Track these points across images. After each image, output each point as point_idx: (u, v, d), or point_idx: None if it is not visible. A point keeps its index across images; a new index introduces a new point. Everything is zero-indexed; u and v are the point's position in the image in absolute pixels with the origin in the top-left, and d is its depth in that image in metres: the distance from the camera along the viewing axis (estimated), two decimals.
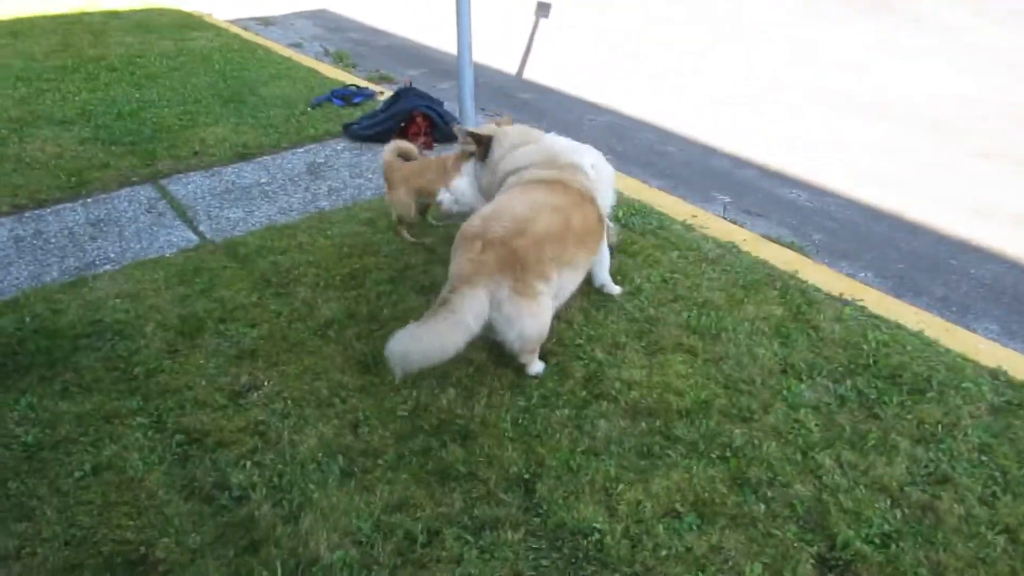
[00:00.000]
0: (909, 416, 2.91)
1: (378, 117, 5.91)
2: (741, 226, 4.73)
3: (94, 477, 2.62)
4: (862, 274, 4.26)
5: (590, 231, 3.20)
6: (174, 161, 5.45)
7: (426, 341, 2.63)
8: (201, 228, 4.60)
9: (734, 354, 3.23)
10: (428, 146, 5.75)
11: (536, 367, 3.10)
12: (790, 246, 4.42)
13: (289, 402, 2.96)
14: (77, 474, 2.64)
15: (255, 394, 3.01)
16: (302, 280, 3.80)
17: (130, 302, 3.67)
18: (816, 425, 2.86)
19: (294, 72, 7.48)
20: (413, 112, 5.81)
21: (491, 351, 3.19)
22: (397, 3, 11.89)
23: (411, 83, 6.29)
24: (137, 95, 6.71)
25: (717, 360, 3.21)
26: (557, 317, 3.18)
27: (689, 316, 3.48)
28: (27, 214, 4.78)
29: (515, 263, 2.79)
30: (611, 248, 3.72)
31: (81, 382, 3.09)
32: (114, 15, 9.87)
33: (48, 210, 4.83)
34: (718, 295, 3.65)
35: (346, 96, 6.65)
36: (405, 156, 4.19)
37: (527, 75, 8.29)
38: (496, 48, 9.23)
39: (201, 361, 3.21)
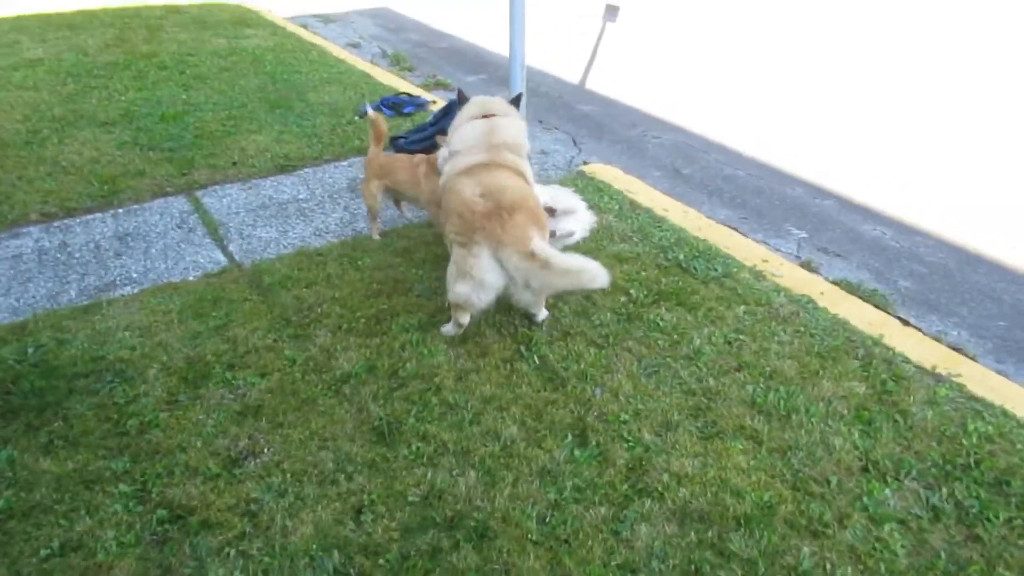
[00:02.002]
0: (1021, 541, 2.40)
1: (427, 131, 5.56)
2: (816, 269, 4.24)
3: (60, 558, 2.32)
4: (955, 332, 3.73)
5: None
6: (211, 171, 5.20)
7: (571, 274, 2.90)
8: (231, 248, 4.32)
9: (805, 444, 2.76)
10: None
11: (545, 312, 3.46)
12: (873, 297, 3.90)
13: (288, 476, 2.61)
14: (43, 552, 2.34)
15: (252, 463, 2.67)
16: (324, 321, 3.47)
17: (139, 336, 3.39)
18: (903, 547, 2.38)
19: (346, 76, 7.19)
20: None
21: (523, 424, 2.79)
22: (460, 2, 11.56)
23: (461, 95, 5.91)
24: (184, 96, 6.50)
25: (785, 450, 2.74)
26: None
27: (755, 390, 3.02)
28: (56, 223, 4.57)
29: (539, 219, 3.08)
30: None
31: (68, 434, 2.80)
32: (174, 10, 9.77)
33: (77, 220, 4.62)
34: (789, 364, 3.17)
35: (396, 105, 6.32)
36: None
37: (589, 84, 7.84)
38: (558, 54, 8.80)
39: (201, 416, 2.89)
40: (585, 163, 5.79)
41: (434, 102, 6.53)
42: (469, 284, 3.01)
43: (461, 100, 4.73)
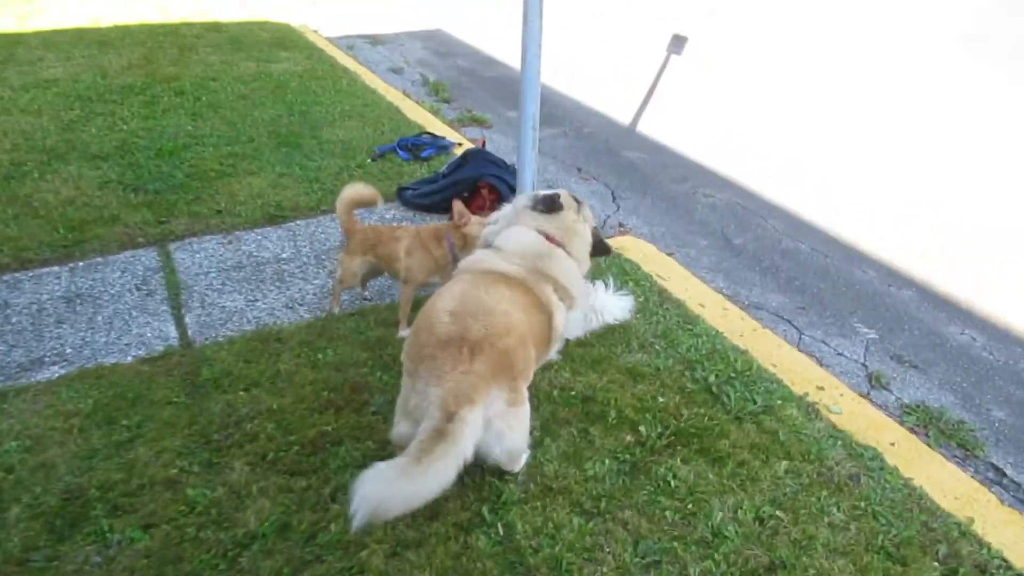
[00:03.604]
0: None
1: (438, 183, 4.87)
2: (887, 385, 3.43)
3: None
4: None
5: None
6: (192, 219, 4.62)
7: (418, 484, 2.05)
8: (187, 319, 3.71)
9: None
10: None
11: (522, 462, 2.70)
12: (958, 433, 3.07)
13: None
14: None
15: None
16: (249, 445, 2.78)
17: (25, 450, 2.76)
18: None
19: (371, 109, 6.58)
20: (479, 181, 4.73)
21: None
22: (517, 28, 10.90)
23: (484, 144, 5.22)
24: (190, 127, 5.98)
25: None
26: None
27: None
28: (5, 277, 4.04)
29: (508, 368, 2.36)
30: None
31: None
32: (214, 27, 9.37)
33: (30, 274, 4.08)
34: (842, 567, 2.33)
35: (415, 147, 5.66)
36: (362, 203, 3.73)
37: (641, 126, 7.06)
38: (612, 88, 8.03)
39: None
40: (621, 226, 5.01)
41: (459, 145, 5.85)
42: (409, 425, 2.30)
43: (469, 156, 4.01)
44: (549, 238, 2.94)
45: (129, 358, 3.41)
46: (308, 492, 2.56)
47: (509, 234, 2.97)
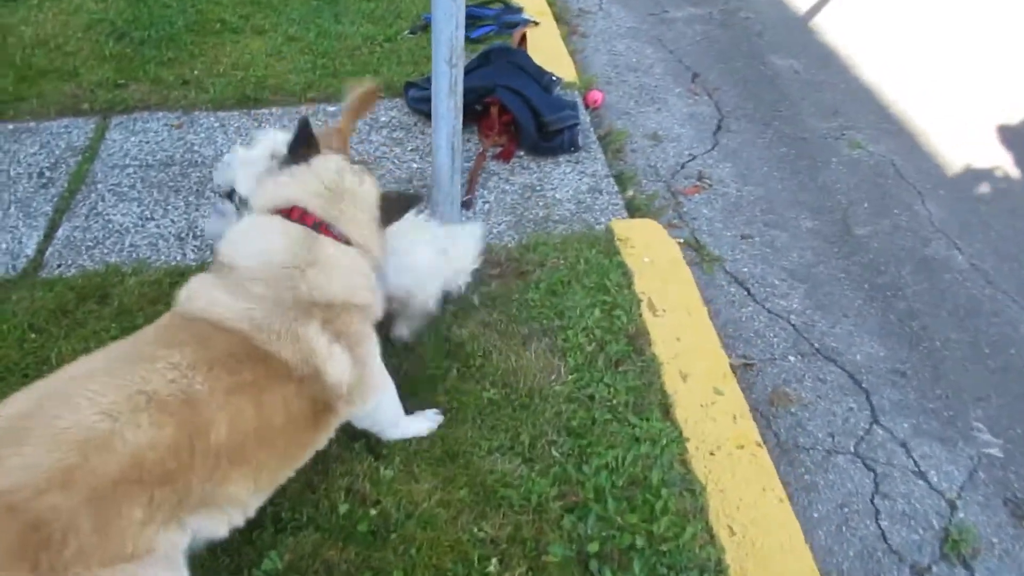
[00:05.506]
0: None
1: None
2: (965, 559, 2.15)
3: None
4: None
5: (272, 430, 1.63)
6: (152, 87, 3.81)
7: None
8: (58, 233, 2.99)
9: None
10: (504, 157, 3.43)
11: None
12: None
13: None
14: None
15: None
16: None
17: None
18: None
19: None
20: (489, 96, 3.45)
21: None
22: None
23: (524, 38, 3.83)
24: None
25: None
26: None
27: None
28: None
29: (38, 547, 1.27)
30: None
31: None
32: None
33: None
34: None
35: (470, 19, 4.35)
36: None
37: (818, 20, 5.16)
38: None
39: None
40: (699, 179, 3.62)
41: (536, 24, 4.46)
42: None
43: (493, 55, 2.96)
44: (307, 218, 1.76)
45: None
46: None
47: (242, 234, 1.81)
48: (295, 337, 1.64)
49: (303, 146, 1.85)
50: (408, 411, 2.10)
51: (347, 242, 1.78)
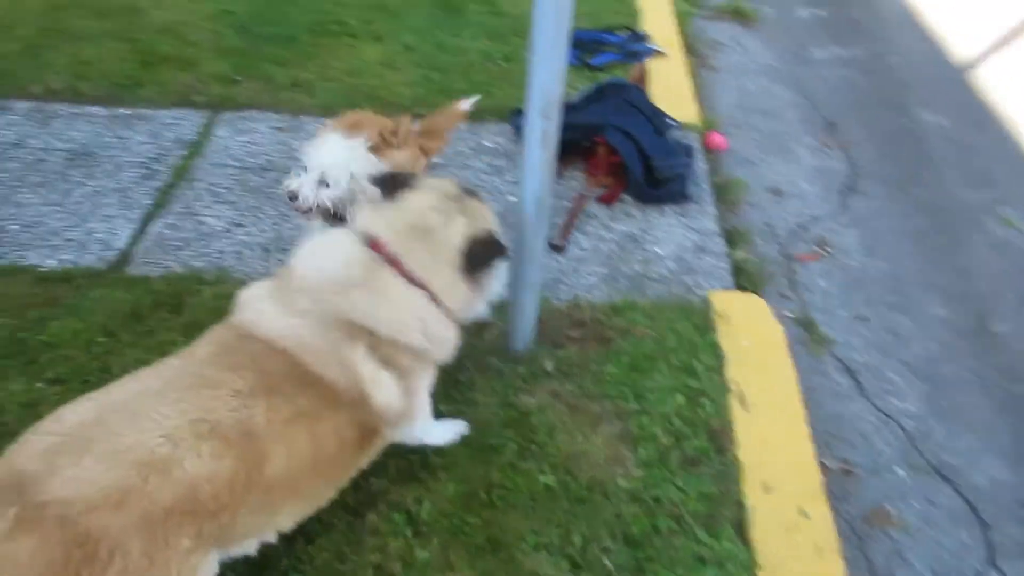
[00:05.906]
0: None
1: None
2: None
3: None
4: None
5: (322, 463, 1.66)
6: (263, 87, 3.80)
7: None
8: (151, 229, 3.01)
9: None
10: (607, 199, 3.24)
11: None
12: None
13: None
14: None
15: None
16: None
17: None
18: None
19: None
20: (597, 135, 3.26)
21: None
22: None
23: (643, 75, 3.60)
24: None
25: None
26: None
27: None
28: (46, 107, 3.61)
29: (81, 563, 1.28)
30: None
31: None
32: None
33: (71, 109, 3.62)
34: None
35: (593, 44, 4.18)
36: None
37: (978, 72, 4.70)
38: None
39: None
40: (821, 246, 3.33)
41: (661, 53, 4.22)
42: None
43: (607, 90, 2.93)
44: (381, 249, 1.70)
45: (51, 262, 2.82)
46: None
47: (312, 246, 1.80)
48: (342, 361, 1.62)
49: (393, 185, 1.83)
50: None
51: (420, 284, 1.72)
